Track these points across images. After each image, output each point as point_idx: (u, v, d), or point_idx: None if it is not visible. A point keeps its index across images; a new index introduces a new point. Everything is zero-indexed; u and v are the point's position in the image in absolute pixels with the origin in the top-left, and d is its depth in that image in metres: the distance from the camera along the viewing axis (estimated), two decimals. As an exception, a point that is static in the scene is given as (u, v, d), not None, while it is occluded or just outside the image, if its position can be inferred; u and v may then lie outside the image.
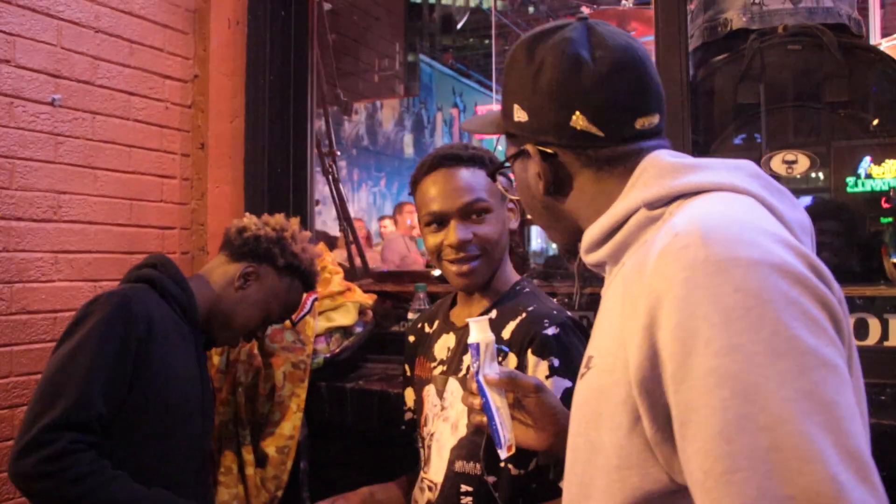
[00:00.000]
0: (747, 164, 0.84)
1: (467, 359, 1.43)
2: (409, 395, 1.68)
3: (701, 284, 0.66)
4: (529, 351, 1.35)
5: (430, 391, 1.54)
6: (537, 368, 1.33)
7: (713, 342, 0.64)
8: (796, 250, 0.70)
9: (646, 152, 0.88)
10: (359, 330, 2.28)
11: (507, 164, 1.02)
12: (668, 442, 0.71)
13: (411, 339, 1.68)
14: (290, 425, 2.02)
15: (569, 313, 1.44)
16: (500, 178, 1.37)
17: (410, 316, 2.25)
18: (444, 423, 1.47)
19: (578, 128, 0.87)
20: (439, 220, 1.45)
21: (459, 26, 8.48)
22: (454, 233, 1.42)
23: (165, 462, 1.57)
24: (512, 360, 1.38)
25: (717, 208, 0.76)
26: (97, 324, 1.48)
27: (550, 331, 1.36)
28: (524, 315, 1.41)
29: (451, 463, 1.43)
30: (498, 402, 1.09)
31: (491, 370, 1.11)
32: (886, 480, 0.63)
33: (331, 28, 3.07)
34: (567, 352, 1.34)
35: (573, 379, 1.30)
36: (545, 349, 1.34)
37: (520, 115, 0.92)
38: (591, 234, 0.90)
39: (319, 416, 2.13)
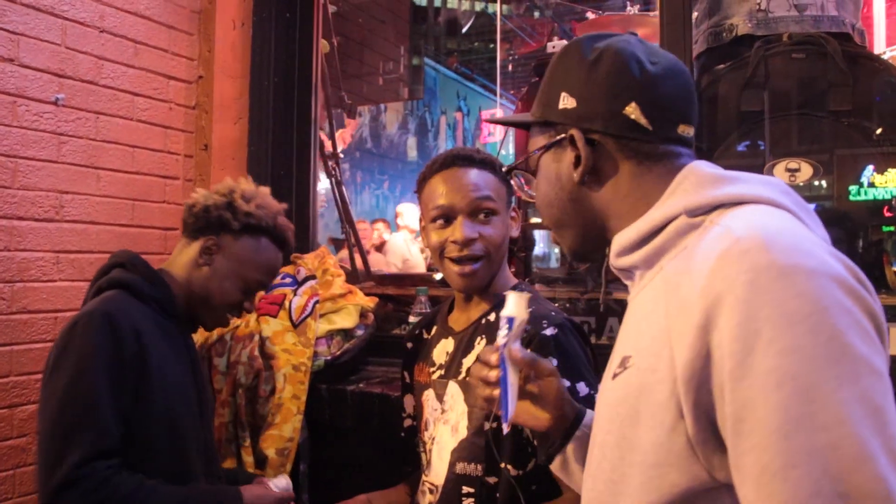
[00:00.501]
0: (778, 181, 0.87)
1: (467, 362, 1.44)
2: (409, 402, 1.68)
3: (764, 288, 0.69)
4: (529, 351, 1.35)
5: (429, 395, 1.54)
6: None
7: (775, 343, 0.67)
8: (845, 263, 0.73)
9: (684, 158, 0.92)
10: (360, 333, 2.28)
11: (518, 168, 1.04)
12: (710, 441, 0.74)
13: (409, 345, 1.68)
14: (290, 427, 2.02)
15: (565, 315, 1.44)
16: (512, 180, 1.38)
17: (412, 319, 2.25)
18: (445, 426, 1.47)
19: (629, 117, 0.90)
20: (446, 216, 1.46)
21: (464, 30, 8.50)
22: (460, 229, 1.43)
23: (178, 461, 1.57)
24: None
25: (768, 218, 0.78)
26: (86, 349, 1.45)
27: (549, 331, 1.36)
28: None
29: (451, 465, 1.43)
30: (512, 378, 1.10)
31: (516, 347, 1.11)
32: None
33: (336, 31, 3.07)
34: (565, 352, 1.35)
35: (571, 378, 1.31)
36: (544, 349, 1.34)
37: (566, 102, 0.94)
38: (625, 237, 0.91)
39: (320, 418, 2.13)
